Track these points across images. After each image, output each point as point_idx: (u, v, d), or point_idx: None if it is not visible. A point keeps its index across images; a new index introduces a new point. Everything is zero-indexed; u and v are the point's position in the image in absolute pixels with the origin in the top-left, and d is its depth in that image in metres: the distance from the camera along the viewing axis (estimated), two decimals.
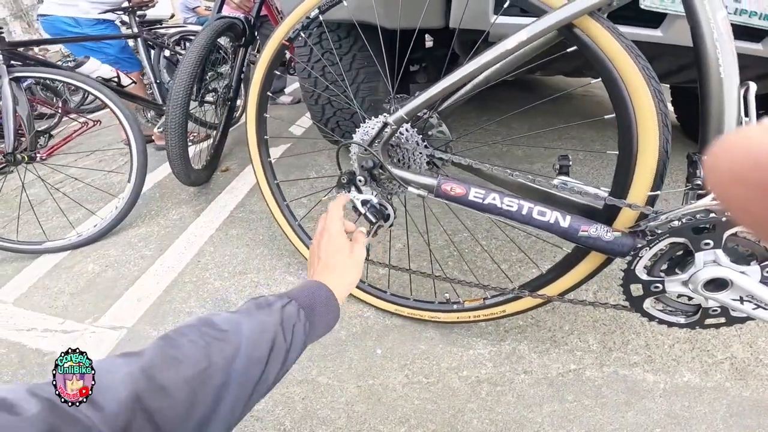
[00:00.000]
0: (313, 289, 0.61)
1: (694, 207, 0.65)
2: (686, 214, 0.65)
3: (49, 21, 2.15)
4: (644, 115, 0.69)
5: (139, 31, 2.18)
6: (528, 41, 0.69)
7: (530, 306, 0.97)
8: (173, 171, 1.64)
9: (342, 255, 0.69)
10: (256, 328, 0.49)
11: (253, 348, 0.48)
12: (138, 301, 1.31)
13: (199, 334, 0.46)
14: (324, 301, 0.60)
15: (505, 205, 0.74)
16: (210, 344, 0.45)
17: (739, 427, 0.91)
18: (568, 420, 0.93)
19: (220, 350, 0.45)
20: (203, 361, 0.43)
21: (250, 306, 0.54)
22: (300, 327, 0.54)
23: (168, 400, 0.38)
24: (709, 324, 0.76)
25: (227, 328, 0.48)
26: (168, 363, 0.41)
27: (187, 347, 0.43)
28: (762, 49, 1.04)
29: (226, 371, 0.44)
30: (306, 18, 0.99)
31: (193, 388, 0.40)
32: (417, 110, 0.78)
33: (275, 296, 0.57)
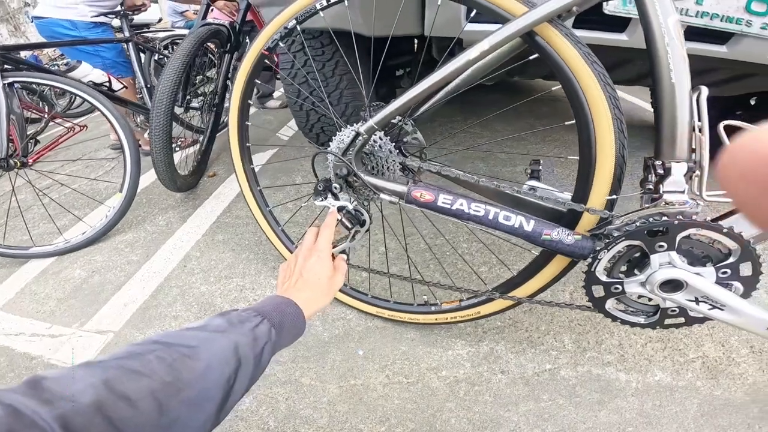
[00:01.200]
0: (284, 306, 0.62)
1: (647, 210, 0.68)
2: (640, 217, 0.68)
3: (45, 24, 2.14)
4: (601, 121, 0.71)
5: (131, 35, 2.19)
6: (490, 50, 0.72)
7: (503, 307, 1.00)
8: (158, 177, 1.65)
9: (323, 279, 0.71)
10: (227, 347, 0.50)
11: (223, 366, 0.48)
12: (124, 306, 1.33)
13: (166, 350, 0.46)
14: (292, 320, 0.61)
15: (472, 211, 0.76)
16: (177, 360, 0.45)
17: (711, 426, 0.92)
18: (543, 419, 0.95)
19: (188, 367, 0.45)
20: (169, 376, 0.43)
21: (221, 323, 0.54)
22: (269, 347, 0.55)
23: (132, 410, 0.38)
24: (669, 324, 0.78)
25: (196, 344, 0.48)
26: (130, 375, 0.41)
27: (154, 362, 0.44)
28: (727, 51, 1.07)
29: (194, 387, 0.44)
30: (284, 28, 1.01)
31: (159, 401, 0.40)
32: (387, 120, 0.81)
33: (247, 312, 0.58)
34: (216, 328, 0.52)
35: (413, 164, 0.87)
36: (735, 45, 1.05)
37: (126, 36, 2.15)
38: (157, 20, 3.40)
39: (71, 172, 2.09)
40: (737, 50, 1.06)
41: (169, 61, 1.56)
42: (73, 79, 1.68)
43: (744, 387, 1.00)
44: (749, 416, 0.94)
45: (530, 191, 0.86)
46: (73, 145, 2.18)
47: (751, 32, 1.00)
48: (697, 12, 0.99)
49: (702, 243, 0.68)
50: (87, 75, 1.83)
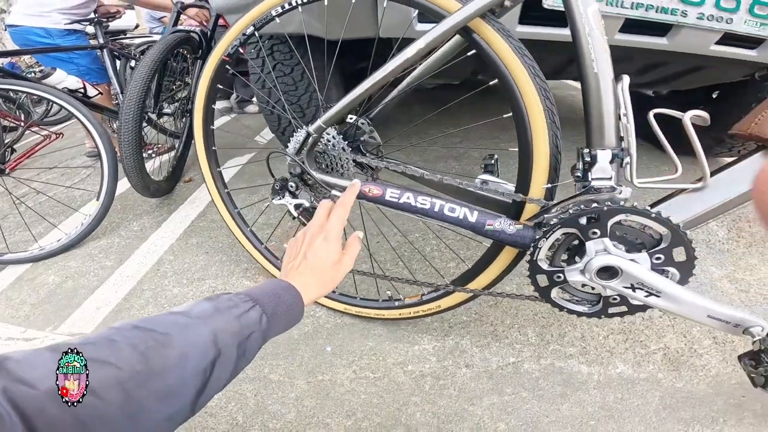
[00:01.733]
0: (281, 292, 0.59)
1: (579, 198, 0.71)
2: (573, 205, 0.70)
3: (19, 32, 2.15)
4: (534, 113, 0.74)
5: (105, 42, 2.20)
6: (426, 48, 0.74)
7: (462, 300, 1.02)
8: (130, 183, 1.66)
9: (329, 262, 0.66)
10: (205, 335, 0.47)
11: (200, 356, 0.46)
12: (97, 309, 1.34)
13: (142, 336, 0.44)
14: (287, 307, 0.58)
15: (419, 204, 0.79)
16: (150, 348, 0.43)
17: (673, 420, 0.93)
18: (507, 412, 0.96)
19: (161, 355, 0.43)
20: (139, 365, 0.41)
21: (206, 308, 0.51)
22: (258, 335, 0.52)
23: (92, 398, 0.37)
24: (613, 313, 0.80)
25: (173, 332, 0.46)
26: (95, 363, 0.39)
27: (125, 350, 0.42)
28: (667, 43, 1.09)
29: (166, 377, 0.42)
30: (242, 35, 1.03)
31: (125, 391, 0.39)
32: (333, 119, 0.83)
33: (239, 297, 0.54)
34: (200, 314, 0.50)
35: (363, 161, 0.90)
36: (674, 36, 1.08)
37: (100, 43, 2.15)
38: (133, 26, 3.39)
39: (48, 180, 2.09)
40: (677, 41, 1.08)
41: (136, 68, 1.58)
42: (47, 86, 1.68)
43: (707, 379, 1.01)
44: (713, 409, 0.94)
45: (483, 185, 0.88)
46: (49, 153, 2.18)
47: (688, 23, 1.03)
48: (632, 3, 1.01)
49: (634, 229, 0.71)
50: (62, 82, 1.83)
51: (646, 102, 2.25)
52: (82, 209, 1.88)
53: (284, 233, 1.59)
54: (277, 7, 0.96)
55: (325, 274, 0.65)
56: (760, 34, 1.07)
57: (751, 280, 1.33)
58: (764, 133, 0.68)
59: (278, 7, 0.95)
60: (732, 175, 0.71)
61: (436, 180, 0.84)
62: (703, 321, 0.73)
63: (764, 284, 1.31)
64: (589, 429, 0.92)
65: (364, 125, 0.99)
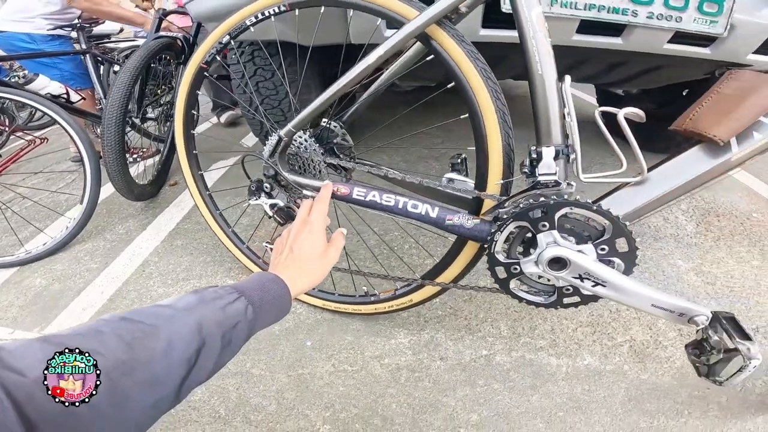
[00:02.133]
0: (267, 284, 0.59)
1: (529, 193, 0.76)
2: (522, 200, 0.75)
3: (4, 37, 2.17)
4: (487, 113, 0.78)
5: (88, 47, 2.22)
6: (386, 55, 0.79)
7: (432, 293, 1.07)
8: (115, 187, 1.69)
9: (315, 254, 0.68)
10: (190, 324, 0.48)
11: (185, 345, 0.47)
12: (83, 310, 1.37)
13: (128, 327, 0.45)
14: (273, 299, 0.58)
15: (384, 201, 0.84)
16: (136, 338, 0.44)
17: (639, 411, 0.95)
18: (479, 404, 1.00)
19: (146, 346, 0.44)
20: (125, 355, 0.42)
21: (191, 300, 0.52)
22: (243, 326, 0.53)
23: None
24: (567, 303, 0.83)
25: (160, 323, 0.47)
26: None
27: (112, 341, 0.43)
28: (622, 43, 1.13)
29: (151, 366, 0.43)
30: (219, 43, 1.07)
31: (110, 380, 0.40)
32: (302, 123, 0.88)
33: (225, 289, 0.55)
34: (185, 306, 0.51)
35: (334, 162, 0.94)
36: (628, 36, 1.12)
37: (83, 48, 2.17)
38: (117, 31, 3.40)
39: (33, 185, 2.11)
40: (631, 41, 1.12)
41: (119, 74, 1.61)
42: (30, 92, 1.71)
43: (671, 371, 1.04)
44: (677, 401, 0.97)
45: (448, 182, 0.93)
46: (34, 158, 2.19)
47: (639, 22, 1.07)
48: (585, 5, 1.04)
49: (579, 221, 0.76)
50: (45, 87, 1.85)
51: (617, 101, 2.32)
52: (67, 213, 1.90)
53: (267, 233, 1.63)
54: (251, 17, 1.00)
55: (312, 266, 0.67)
56: (710, 31, 1.10)
57: (718, 272, 1.38)
58: (697, 128, 0.74)
59: (252, 17, 1.00)
60: (669, 169, 0.77)
61: (399, 178, 0.89)
62: (648, 310, 0.76)
63: (731, 277, 1.36)
64: (557, 420, 0.96)
65: (337, 128, 1.04)
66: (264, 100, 1.67)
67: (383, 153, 2.32)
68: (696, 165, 0.76)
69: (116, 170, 1.61)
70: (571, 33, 1.14)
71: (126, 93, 1.57)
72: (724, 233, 1.60)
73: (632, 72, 1.46)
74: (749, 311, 1.23)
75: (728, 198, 1.83)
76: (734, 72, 0.75)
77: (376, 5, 0.83)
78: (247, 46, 1.61)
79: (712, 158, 0.75)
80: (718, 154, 0.74)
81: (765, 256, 1.46)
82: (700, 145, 0.76)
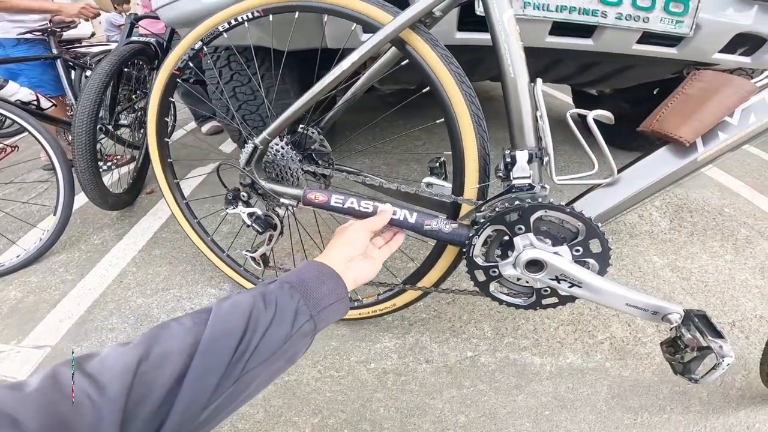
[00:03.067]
0: (300, 267, 0.61)
1: (504, 196, 0.76)
2: (498, 203, 0.76)
3: None
4: (462, 118, 0.79)
5: (59, 52, 2.16)
6: (360, 60, 0.79)
7: (414, 297, 1.07)
8: (87, 197, 1.65)
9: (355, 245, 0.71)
10: (226, 307, 0.50)
11: (223, 320, 0.48)
12: (60, 322, 1.34)
13: (199, 315, 0.48)
14: (315, 275, 0.59)
15: (362, 208, 0.83)
16: (197, 324, 0.47)
17: (622, 408, 0.97)
18: (466, 405, 1.01)
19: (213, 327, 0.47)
20: (189, 338, 0.45)
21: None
22: (284, 295, 0.54)
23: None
24: (546, 304, 0.84)
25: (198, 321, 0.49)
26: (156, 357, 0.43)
27: (187, 322, 0.47)
28: (593, 44, 1.15)
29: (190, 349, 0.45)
30: (191, 49, 1.05)
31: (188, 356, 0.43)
32: (277, 130, 0.87)
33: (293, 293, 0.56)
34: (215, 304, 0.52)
35: (312, 169, 0.94)
36: (599, 37, 1.14)
37: (54, 53, 2.12)
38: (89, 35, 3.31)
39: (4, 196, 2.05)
40: (601, 42, 1.14)
41: (89, 79, 1.57)
42: None
43: (652, 367, 1.07)
44: (659, 397, 0.99)
45: (427, 187, 0.94)
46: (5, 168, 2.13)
47: (608, 23, 1.09)
48: (557, 6, 1.06)
49: (554, 224, 0.77)
50: (14, 94, 1.79)
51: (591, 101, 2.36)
52: (40, 224, 1.85)
53: (247, 240, 1.61)
54: (224, 23, 0.99)
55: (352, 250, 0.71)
56: (676, 31, 1.13)
57: (693, 268, 1.42)
58: (664, 129, 0.75)
59: (225, 23, 0.98)
60: (639, 170, 0.78)
61: (377, 184, 0.89)
62: (623, 309, 0.77)
63: (705, 272, 1.40)
64: (543, 419, 0.97)
65: (315, 134, 1.04)
66: (241, 105, 1.65)
67: (364, 156, 2.31)
68: (664, 165, 0.77)
69: (88, 179, 1.57)
70: (544, 35, 1.15)
71: (96, 99, 1.54)
72: (697, 228, 1.64)
73: (604, 72, 1.48)
74: (724, 305, 1.27)
75: (700, 194, 1.88)
76: (698, 73, 0.77)
77: (350, 10, 0.82)
78: (222, 51, 1.59)
79: (680, 158, 0.76)
80: (685, 154, 0.76)
81: (737, 250, 1.51)
82: (668, 146, 0.78)
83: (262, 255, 1.06)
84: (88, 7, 2.07)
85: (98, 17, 2.07)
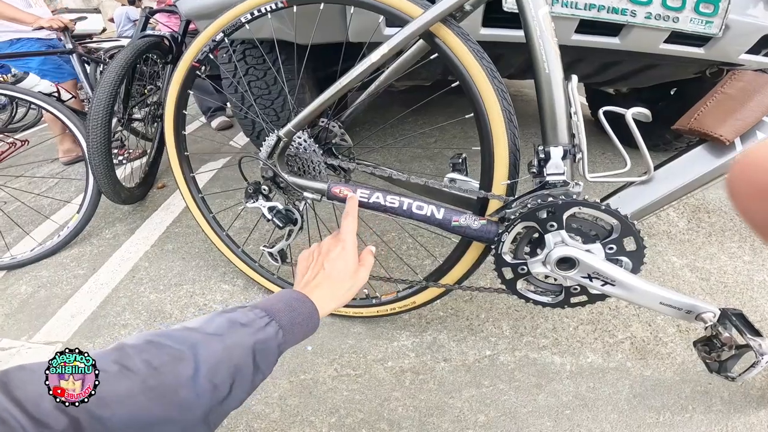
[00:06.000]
0: (297, 305, 0.58)
1: (537, 193, 0.75)
2: (530, 200, 0.75)
3: None
4: (493, 113, 0.77)
5: (74, 47, 2.16)
6: (390, 53, 0.77)
7: (436, 295, 1.05)
8: (101, 190, 1.64)
9: (347, 273, 0.65)
10: (219, 353, 0.46)
11: (212, 373, 0.45)
12: (72, 318, 1.33)
13: (156, 352, 0.44)
14: (302, 320, 0.57)
15: (388, 203, 0.82)
16: (164, 363, 0.43)
17: (644, 407, 0.96)
18: (486, 404, 0.99)
19: (174, 371, 0.43)
20: (152, 379, 0.41)
21: (221, 324, 0.50)
22: (274, 350, 0.51)
23: (107, 409, 0.37)
24: (575, 302, 0.83)
25: (187, 348, 0.45)
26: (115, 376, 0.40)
27: (140, 366, 0.42)
28: (620, 42, 1.13)
29: (178, 394, 0.42)
30: (212, 41, 1.04)
31: (137, 405, 0.39)
32: (303, 123, 0.86)
33: (255, 312, 0.53)
34: (215, 330, 0.49)
35: (335, 163, 0.92)
36: (626, 36, 1.13)
37: (69, 48, 2.12)
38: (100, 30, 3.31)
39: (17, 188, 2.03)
40: (628, 41, 1.13)
41: (104, 72, 1.57)
42: (28, 90, 1.68)
43: (673, 367, 1.05)
44: (681, 397, 0.98)
45: (450, 183, 0.92)
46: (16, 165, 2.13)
47: (637, 22, 1.08)
48: (585, 4, 1.04)
49: (587, 221, 0.75)
50: (36, 85, 1.82)
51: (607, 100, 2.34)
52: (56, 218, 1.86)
53: (261, 236, 1.60)
54: (247, 14, 0.97)
55: (343, 285, 0.65)
56: (705, 32, 1.12)
57: (711, 268, 1.40)
58: (703, 127, 0.74)
59: (248, 14, 0.97)
60: (675, 168, 0.77)
61: (404, 179, 0.87)
62: (656, 308, 0.76)
63: (724, 272, 1.38)
64: (564, 418, 0.95)
65: (335, 128, 1.02)
66: (256, 99, 1.64)
67: (376, 153, 2.30)
68: (701, 164, 0.76)
69: (103, 172, 1.56)
70: (570, 33, 1.14)
71: (112, 91, 1.53)
72: (715, 229, 1.62)
73: (625, 71, 1.47)
74: (743, 307, 1.25)
75: (718, 195, 1.86)
76: (737, 72, 0.75)
77: (379, 2, 0.81)
78: (238, 45, 1.57)
79: (717, 157, 0.75)
80: (723, 153, 0.75)
81: (755, 251, 1.49)
82: (705, 144, 0.77)
83: (280, 250, 1.04)
84: (56, 19, 2.13)
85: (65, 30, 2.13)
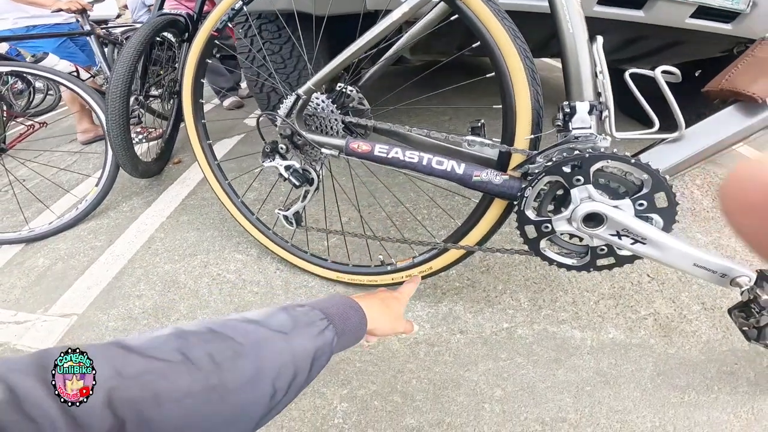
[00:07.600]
0: (351, 313, 0.59)
1: (561, 146, 0.72)
2: (555, 153, 0.72)
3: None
4: (515, 72, 0.76)
5: (92, 28, 2.18)
6: (411, 11, 0.76)
7: (454, 259, 1.02)
8: (119, 162, 1.66)
9: (395, 312, 0.72)
10: (285, 354, 0.46)
11: (276, 377, 0.44)
12: (88, 289, 1.34)
13: (219, 344, 0.43)
14: (354, 328, 0.59)
15: (407, 158, 0.80)
16: (226, 359, 0.42)
17: (668, 386, 0.93)
18: (503, 378, 0.97)
19: (237, 368, 0.42)
20: (214, 377, 0.40)
21: (285, 321, 0.50)
22: (328, 354, 0.52)
23: (159, 409, 0.36)
24: (601, 265, 0.80)
25: (250, 344, 0.44)
26: (178, 368, 0.39)
27: (203, 357, 0.40)
28: (644, 15, 1.11)
29: (237, 394, 0.41)
30: (231, 9, 1.03)
31: (194, 405, 0.38)
32: (322, 81, 0.85)
33: (315, 313, 0.54)
34: (279, 327, 0.48)
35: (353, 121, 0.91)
36: (650, 8, 1.10)
37: (87, 29, 2.13)
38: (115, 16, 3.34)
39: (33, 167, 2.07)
40: (653, 14, 1.11)
41: (122, 49, 1.58)
42: (51, 68, 1.71)
43: (699, 345, 1.02)
44: (707, 376, 0.95)
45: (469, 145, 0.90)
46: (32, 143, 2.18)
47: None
48: None
49: (616, 175, 0.73)
50: (55, 65, 1.86)
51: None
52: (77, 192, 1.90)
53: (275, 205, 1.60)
54: None
55: (389, 316, 0.70)
56: (733, 7, 1.09)
57: (737, 246, 1.36)
58: (736, 87, 0.72)
59: None
60: (707, 126, 0.75)
61: (422, 137, 0.85)
62: (689, 270, 0.73)
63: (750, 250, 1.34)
64: (585, 394, 0.92)
65: (353, 93, 1.01)
66: (271, 74, 1.63)
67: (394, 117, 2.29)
68: (733, 123, 0.74)
69: (120, 145, 1.57)
70: (592, 3, 1.12)
71: (131, 66, 1.54)
72: None
73: (650, 47, 1.43)
74: None
75: None
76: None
77: None
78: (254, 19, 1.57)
79: (749, 117, 0.73)
80: (756, 112, 0.73)
81: None
82: (737, 104, 0.75)
83: (296, 213, 1.03)
84: (75, 1, 2.13)
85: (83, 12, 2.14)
